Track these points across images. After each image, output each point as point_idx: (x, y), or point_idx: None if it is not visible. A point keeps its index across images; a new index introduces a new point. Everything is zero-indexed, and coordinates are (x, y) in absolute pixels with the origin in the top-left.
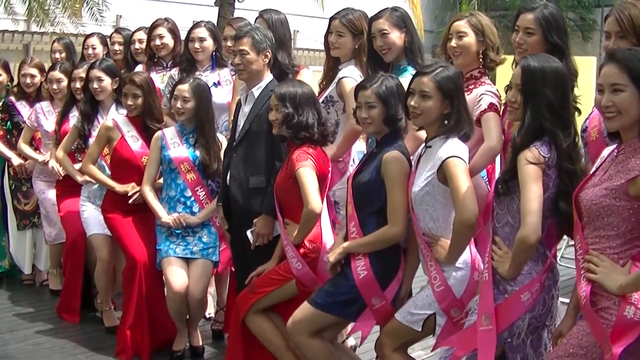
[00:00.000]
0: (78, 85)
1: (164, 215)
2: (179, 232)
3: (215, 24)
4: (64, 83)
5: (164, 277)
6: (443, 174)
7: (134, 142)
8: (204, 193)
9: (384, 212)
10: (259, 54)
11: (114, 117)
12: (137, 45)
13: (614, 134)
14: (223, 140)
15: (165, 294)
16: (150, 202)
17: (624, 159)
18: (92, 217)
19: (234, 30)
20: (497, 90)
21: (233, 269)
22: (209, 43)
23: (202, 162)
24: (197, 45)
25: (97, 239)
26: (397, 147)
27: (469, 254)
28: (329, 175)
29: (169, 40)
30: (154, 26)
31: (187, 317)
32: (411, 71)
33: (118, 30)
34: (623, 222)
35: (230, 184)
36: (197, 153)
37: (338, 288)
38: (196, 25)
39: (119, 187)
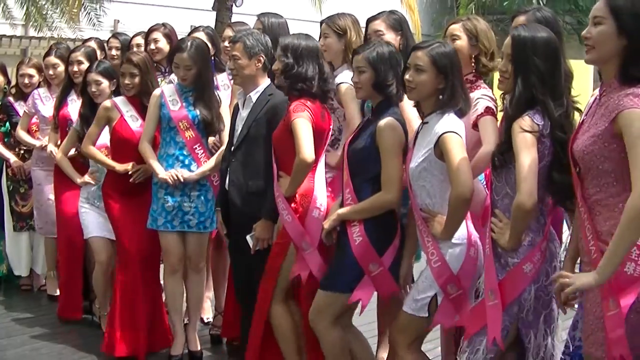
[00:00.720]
0: (76, 68)
1: (161, 172)
2: (176, 199)
3: (214, 29)
4: (60, 68)
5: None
6: (439, 150)
7: (134, 122)
8: (202, 151)
9: (379, 179)
10: (252, 58)
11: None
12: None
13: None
14: (223, 98)
15: (161, 275)
16: (148, 158)
17: (606, 101)
18: (92, 220)
19: (233, 33)
20: (494, 94)
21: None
22: (162, 44)
23: (204, 119)
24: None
25: (96, 242)
26: (392, 115)
27: (465, 230)
28: (329, 131)
29: (163, 45)
30: (150, 31)
31: (185, 320)
32: None
33: (115, 35)
34: (618, 166)
35: (229, 189)
36: (197, 111)
37: (342, 266)
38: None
39: (119, 167)
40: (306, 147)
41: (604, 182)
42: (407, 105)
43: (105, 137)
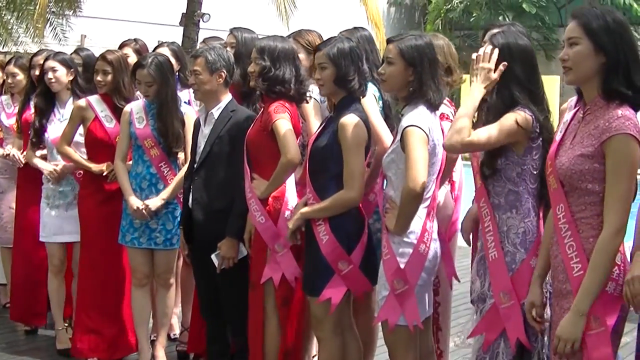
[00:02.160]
0: (38, 72)
1: (132, 201)
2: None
3: (179, 44)
4: (19, 77)
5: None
6: (404, 143)
7: (108, 122)
8: (168, 169)
9: (342, 176)
10: (213, 74)
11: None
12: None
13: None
14: (190, 113)
15: (131, 291)
16: (121, 179)
17: (592, 119)
18: (50, 222)
19: None
20: (450, 101)
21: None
22: (133, 60)
23: (159, 134)
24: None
25: (51, 247)
26: (355, 111)
27: (420, 226)
28: (300, 135)
29: (134, 60)
30: (121, 46)
31: (153, 336)
32: (370, 86)
33: (77, 51)
34: (604, 185)
35: (193, 207)
36: (159, 134)
37: (317, 268)
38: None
39: (94, 167)
40: (292, 148)
41: (590, 201)
42: (366, 102)
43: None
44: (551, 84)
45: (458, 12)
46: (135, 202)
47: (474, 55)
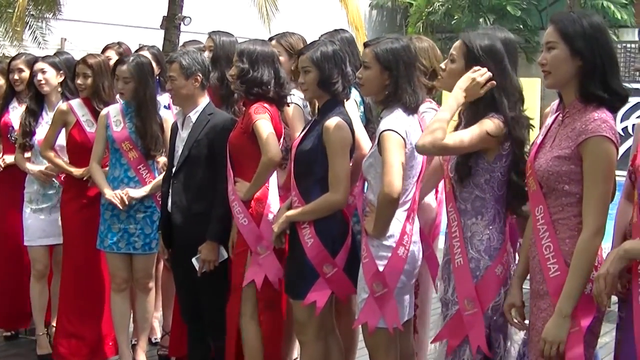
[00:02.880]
0: (16, 76)
1: (108, 192)
2: (122, 220)
3: (159, 48)
4: None
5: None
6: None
7: (89, 127)
8: (146, 172)
9: (327, 179)
10: (188, 78)
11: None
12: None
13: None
14: (170, 117)
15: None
16: (96, 179)
17: (570, 122)
18: (33, 225)
19: None
20: (439, 106)
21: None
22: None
23: (138, 136)
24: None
25: (34, 251)
26: (339, 114)
27: (399, 229)
28: (282, 136)
29: None
30: (105, 49)
31: (134, 340)
32: (352, 91)
33: (56, 54)
34: (582, 187)
35: (172, 211)
36: (136, 136)
37: (301, 272)
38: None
39: (75, 171)
40: (272, 147)
41: (567, 202)
42: (348, 105)
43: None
44: (532, 87)
45: (439, 15)
46: (110, 190)
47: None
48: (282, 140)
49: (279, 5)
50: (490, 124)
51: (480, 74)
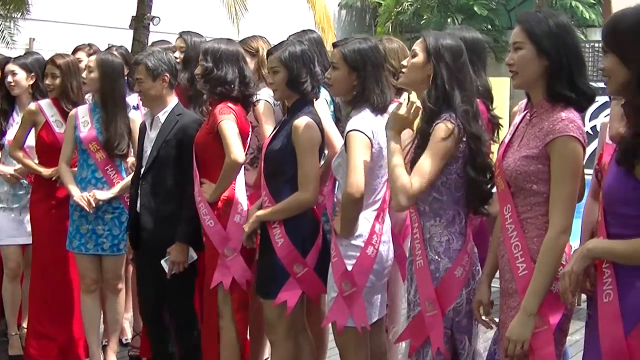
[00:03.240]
0: None
1: (76, 193)
2: (90, 221)
3: (130, 48)
4: None
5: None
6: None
7: (58, 127)
8: (114, 172)
9: (297, 179)
10: (156, 79)
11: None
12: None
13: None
14: (138, 118)
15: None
16: (65, 180)
17: (538, 122)
18: (4, 224)
19: None
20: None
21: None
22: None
23: (103, 139)
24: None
25: (6, 250)
26: (308, 113)
27: (368, 228)
28: (249, 136)
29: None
30: (75, 50)
31: (104, 341)
32: (322, 90)
33: (25, 54)
34: (549, 186)
35: (141, 212)
36: (101, 132)
37: (272, 271)
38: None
39: (45, 172)
40: (236, 148)
41: (535, 202)
42: (317, 105)
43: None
44: (501, 86)
45: (408, 15)
46: (78, 192)
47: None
48: (248, 139)
49: (248, 6)
50: (439, 131)
51: (406, 109)
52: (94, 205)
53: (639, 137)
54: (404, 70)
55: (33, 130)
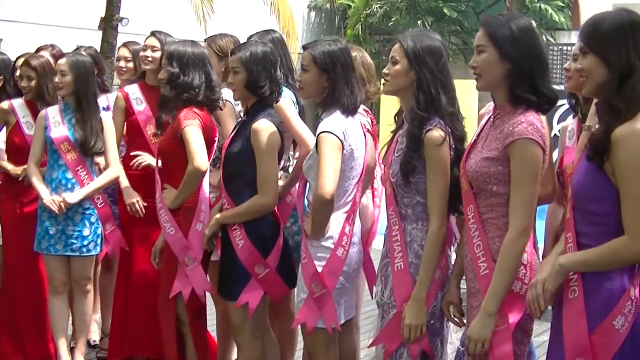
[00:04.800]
0: None
1: (46, 196)
2: (60, 222)
3: (99, 49)
4: None
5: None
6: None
7: (28, 129)
8: (85, 173)
9: (256, 181)
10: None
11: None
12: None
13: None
14: (108, 119)
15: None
16: (33, 181)
17: (500, 124)
18: None
19: (128, 52)
20: (367, 110)
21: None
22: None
23: (79, 138)
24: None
25: None
26: (267, 116)
27: (338, 230)
28: (215, 143)
29: None
30: (37, 51)
31: (72, 343)
32: (287, 91)
33: None
34: (509, 188)
35: None
36: (76, 132)
37: (234, 273)
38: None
39: (13, 170)
40: (200, 155)
41: (496, 203)
42: (285, 106)
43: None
44: (470, 88)
45: (378, 17)
46: (48, 195)
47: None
48: (215, 146)
49: (215, 7)
50: (433, 143)
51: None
52: (64, 209)
53: (609, 134)
54: (387, 78)
55: (4, 129)
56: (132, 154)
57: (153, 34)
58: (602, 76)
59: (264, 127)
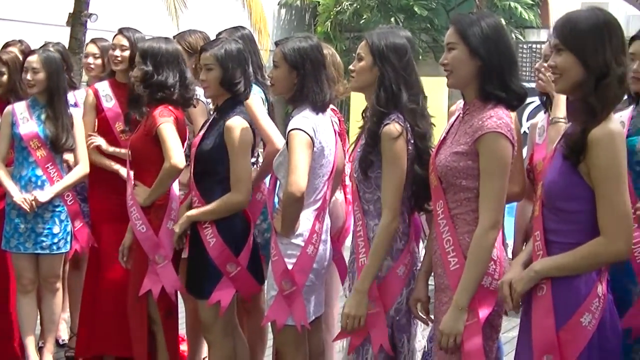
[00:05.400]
0: None
1: (16, 194)
2: (29, 220)
3: (67, 45)
4: None
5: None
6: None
7: None
8: (54, 170)
9: (229, 179)
10: None
11: None
12: None
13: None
14: (77, 115)
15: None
16: (2, 180)
17: (469, 119)
18: None
19: (97, 48)
20: (335, 110)
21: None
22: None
23: (50, 135)
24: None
25: None
26: (239, 113)
27: (308, 227)
28: (185, 141)
29: None
30: (5, 46)
31: (41, 343)
32: (256, 88)
33: None
34: (479, 183)
35: None
36: (46, 128)
37: (205, 271)
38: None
39: None
40: (177, 153)
41: (465, 197)
42: (253, 103)
43: None
44: (439, 86)
45: (348, 15)
46: (19, 193)
47: None
48: (185, 144)
49: (188, 3)
50: (390, 135)
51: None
52: (35, 208)
53: (586, 134)
54: (352, 74)
55: None
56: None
57: (120, 31)
58: (578, 75)
59: (237, 124)
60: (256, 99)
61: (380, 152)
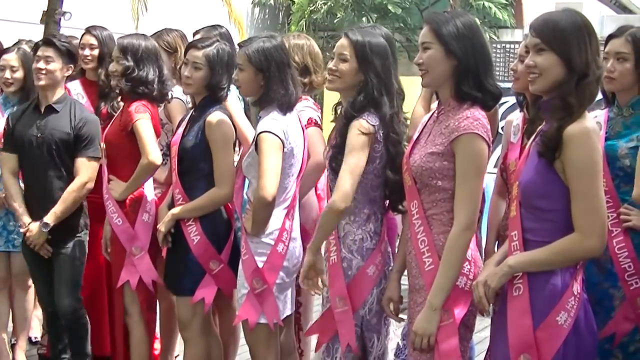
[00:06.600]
0: None
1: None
2: (0, 217)
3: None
4: None
5: None
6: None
7: None
8: None
9: (212, 175)
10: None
11: None
12: None
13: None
14: None
15: None
16: None
17: (445, 119)
18: None
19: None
20: (317, 105)
21: None
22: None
23: None
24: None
25: None
26: (219, 109)
27: (278, 226)
28: (159, 138)
29: None
30: None
31: (13, 340)
32: (233, 88)
33: None
34: (454, 183)
35: None
36: None
37: (186, 268)
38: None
39: None
40: (153, 149)
41: (440, 198)
42: (230, 101)
43: None
44: (413, 85)
45: (322, 14)
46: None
47: None
48: (158, 140)
49: (162, 0)
50: (355, 127)
51: None
52: (6, 205)
53: (561, 131)
54: (336, 74)
55: None
56: None
57: (88, 31)
58: (560, 75)
59: (218, 119)
60: (233, 98)
61: None
